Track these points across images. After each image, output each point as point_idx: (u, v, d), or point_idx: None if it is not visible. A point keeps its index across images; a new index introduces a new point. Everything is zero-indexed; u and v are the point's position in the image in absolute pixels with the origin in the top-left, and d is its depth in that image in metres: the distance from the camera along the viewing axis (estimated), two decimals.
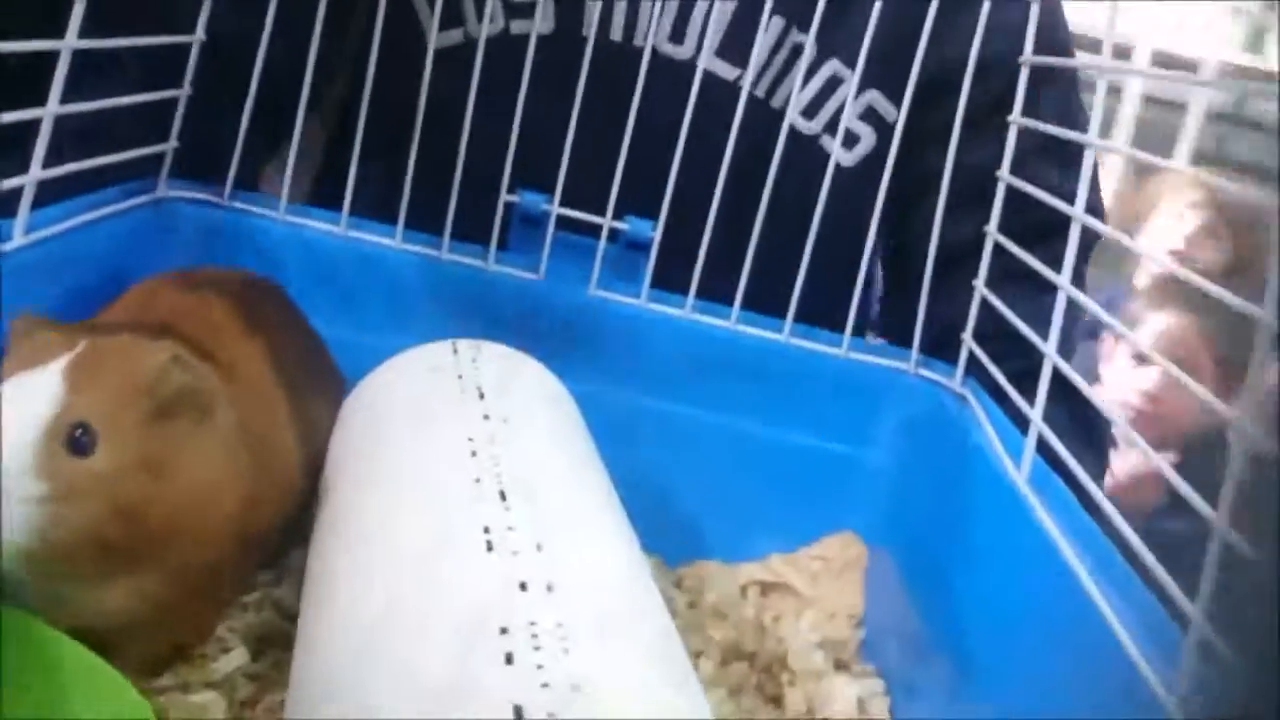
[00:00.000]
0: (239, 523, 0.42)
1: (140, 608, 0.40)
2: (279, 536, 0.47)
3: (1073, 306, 0.49)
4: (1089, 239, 0.53)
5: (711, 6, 0.65)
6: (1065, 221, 0.50)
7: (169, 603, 0.41)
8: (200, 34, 0.57)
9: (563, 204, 0.59)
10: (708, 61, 0.64)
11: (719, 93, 0.62)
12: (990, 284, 0.57)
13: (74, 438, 0.38)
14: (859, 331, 0.63)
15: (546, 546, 0.34)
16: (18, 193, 0.49)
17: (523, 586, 0.32)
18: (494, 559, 0.34)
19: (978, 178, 0.58)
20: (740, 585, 0.56)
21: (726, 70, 0.67)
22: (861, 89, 0.67)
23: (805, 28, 0.65)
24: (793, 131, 0.62)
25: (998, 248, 0.56)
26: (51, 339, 0.40)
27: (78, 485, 0.38)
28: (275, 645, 0.46)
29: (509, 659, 0.30)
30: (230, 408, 0.42)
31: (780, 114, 0.67)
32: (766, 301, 0.60)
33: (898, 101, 0.64)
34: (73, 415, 0.38)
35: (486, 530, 0.35)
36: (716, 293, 0.60)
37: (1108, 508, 0.42)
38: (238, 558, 0.44)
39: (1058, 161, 0.57)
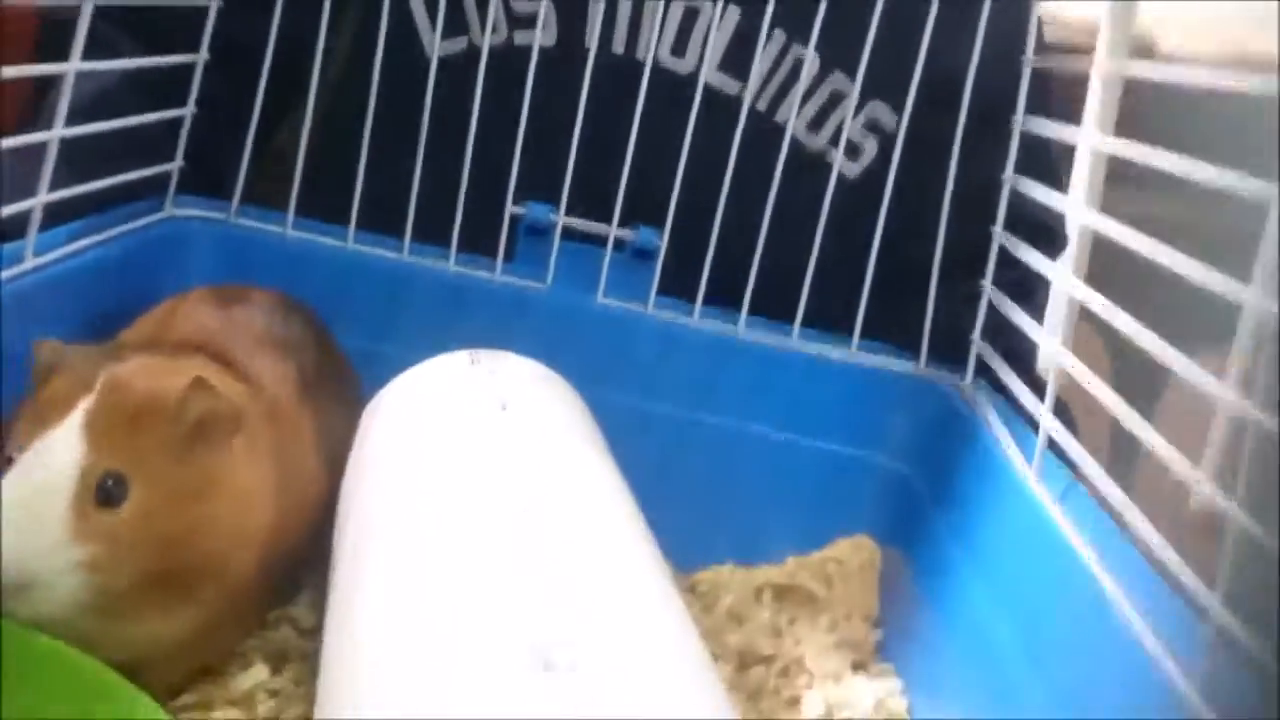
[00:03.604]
0: (267, 544, 0.42)
1: (176, 635, 0.40)
2: (303, 555, 0.47)
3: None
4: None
5: (713, 22, 0.65)
6: (1048, 232, 0.51)
7: (203, 628, 0.41)
8: (204, 54, 0.58)
9: (567, 214, 0.60)
10: (709, 76, 0.64)
11: (721, 107, 0.62)
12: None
13: (104, 490, 0.37)
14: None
15: (576, 565, 0.34)
16: (24, 215, 0.49)
17: (556, 608, 0.32)
18: (525, 579, 0.34)
19: (977, 184, 0.58)
20: (755, 589, 0.56)
21: (728, 84, 0.67)
22: (864, 100, 0.68)
23: (807, 42, 0.66)
24: (797, 146, 0.63)
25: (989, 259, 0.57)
26: (69, 382, 0.39)
27: (118, 537, 0.37)
28: (293, 661, 0.46)
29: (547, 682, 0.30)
30: (260, 426, 0.43)
31: (783, 128, 0.67)
32: (772, 307, 0.61)
33: (901, 111, 0.65)
34: (99, 467, 0.37)
35: (515, 548, 0.35)
36: (722, 299, 0.61)
37: (1120, 499, 0.42)
38: (265, 578, 0.44)
39: (1040, 174, 0.57)
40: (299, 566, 0.48)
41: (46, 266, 0.50)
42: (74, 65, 0.49)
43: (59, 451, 0.37)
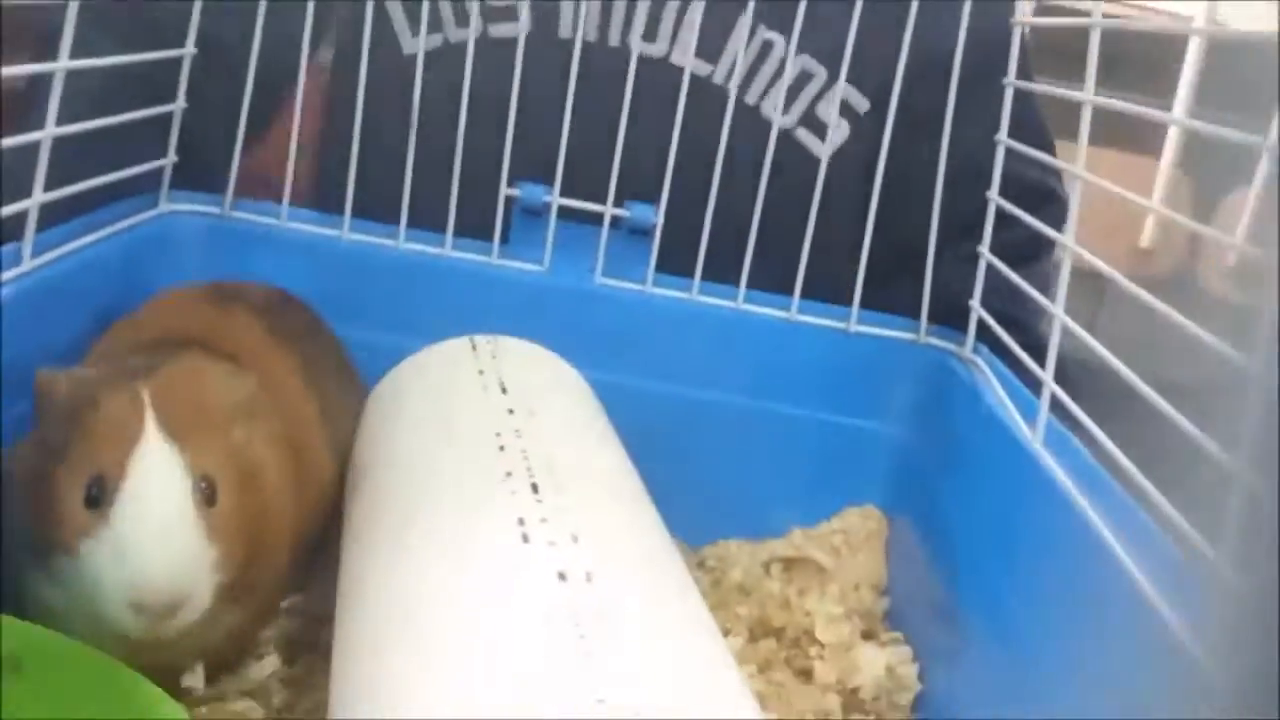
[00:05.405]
0: (292, 531, 0.43)
1: (235, 629, 0.41)
2: (315, 543, 0.48)
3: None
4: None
5: (684, 7, 0.66)
6: (1042, 199, 0.52)
7: (252, 619, 0.42)
8: (191, 48, 0.57)
9: (560, 195, 0.59)
10: (679, 59, 0.64)
11: (692, 89, 0.62)
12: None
13: (205, 492, 0.38)
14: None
15: (582, 537, 0.35)
16: (19, 217, 0.49)
17: (561, 576, 0.33)
18: (531, 550, 0.34)
19: (962, 156, 0.58)
20: (763, 562, 0.56)
21: (699, 67, 0.68)
22: (832, 83, 0.69)
23: (773, 25, 0.67)
24: (767, 126, 0.63)
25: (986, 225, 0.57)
26: (120, 402, 0.39)
27: (226, 533, 0.38)
28: (306, 650, 0.47)
29: (553, 650, 0.30)
30: (271, 418, 0.43)
31: (753, 109, 0.69)
32: (763, 285, 0.61)
33: (868, 93, 0.70)
34: (197, 473, 0.38)
35: (521, 522, 0.35)
36: (710, 279, 0.61)
37: (1124, 462, 0.42)
38: (291, 566, 0.44)
39: (1024, 141, 0.57)
40: (312, 554, 0.48)
41: (45, 267, 0.49)
42: (63, 64, 0.49)
43: (162, 466, 0.38)
